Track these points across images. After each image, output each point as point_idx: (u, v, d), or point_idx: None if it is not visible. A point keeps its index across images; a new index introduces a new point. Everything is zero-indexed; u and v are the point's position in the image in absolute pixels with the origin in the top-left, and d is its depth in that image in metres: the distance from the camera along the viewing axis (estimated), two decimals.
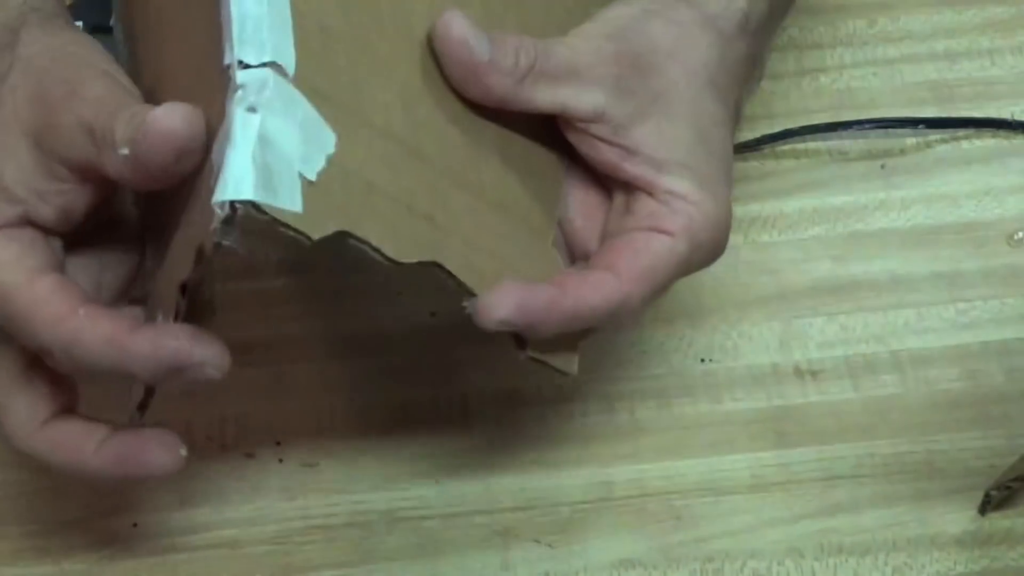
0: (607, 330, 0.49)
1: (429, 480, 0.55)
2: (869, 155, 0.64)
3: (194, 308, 0.44)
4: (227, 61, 0.41)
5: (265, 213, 0.39)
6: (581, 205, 0.49)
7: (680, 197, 0.46)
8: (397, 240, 0.43)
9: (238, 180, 0.39)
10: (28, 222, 0.45)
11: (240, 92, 0.41)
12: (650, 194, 0.46)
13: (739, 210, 0.62)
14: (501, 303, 0.44)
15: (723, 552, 0.54)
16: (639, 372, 0.58)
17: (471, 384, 0.58)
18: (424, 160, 0.46)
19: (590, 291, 0.45)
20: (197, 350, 0.43)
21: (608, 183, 0.49)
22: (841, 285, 0.60)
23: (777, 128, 0.63)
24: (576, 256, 0.49)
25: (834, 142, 0.64)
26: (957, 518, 0.54)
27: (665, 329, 0.59)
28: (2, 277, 0.44)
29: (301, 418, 0.57)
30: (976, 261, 0.61)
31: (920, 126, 0.63)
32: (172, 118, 0.41)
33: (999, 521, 0.54)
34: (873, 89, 0.66)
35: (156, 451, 0.46)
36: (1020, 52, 0.67)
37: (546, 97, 0.46)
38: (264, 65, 0.41)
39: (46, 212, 0.45)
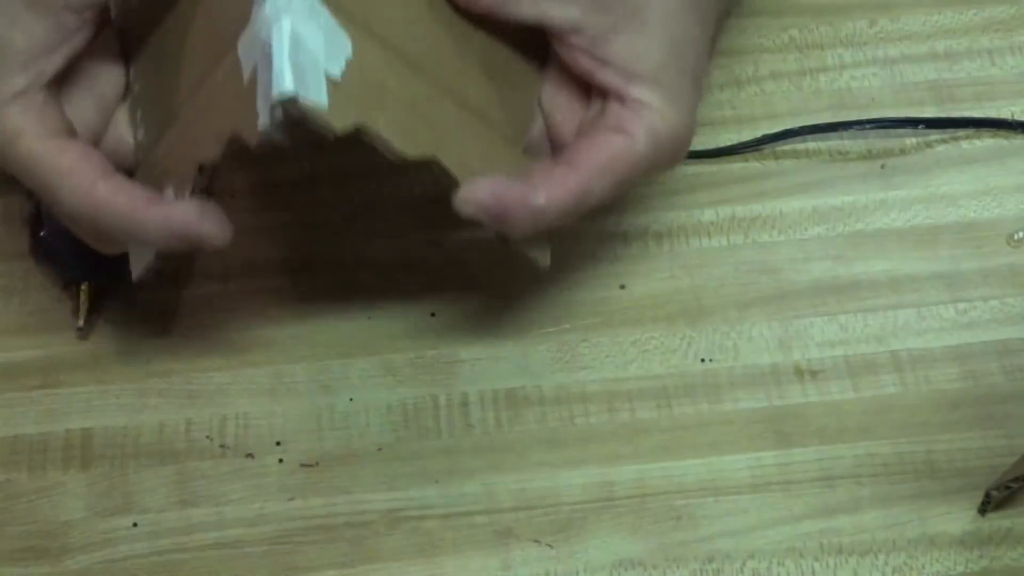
0: (573, 223, 0.51)
1: (429, 480, 0.55)
2: (869, 155, 0.64)
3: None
4: None
5: (299, 108, 0.44)
6: (562, 102, 0.52)
7: (646, 106, 0.49)
8: (404, 137, 0.47)
9: (280, 79, 0.43)
10: (40, 84, 0.48)
11: (270, 1, 0.45)
12: (620, 101, 0.49)
13: (739, 210, 0.62)
14: (477, 192, 0.48)
15: (723, 552, 0.54)
16: (639, 372, 0.58)
17: (471, 384, 0.58)
18: (420, 71, 0.49)
19: (555, 186, 0.49)
20: (205, 225, 0.47)
21: (587, 85, 0.51)
22: (841, 285, 0.60)
23: (777, 128, 0.63)
24: (555, 148, 0.52)
25: (834, 142, 0.64)
26: (957, 518, 0.54)
27: (665, 329, 0.59)
28: (28, 146, 0.47)
29: (301, 418, 0.57)
30: (976, 261, 0.61)
31: (920, 126, 0.63)
32: None
33: (999, 521, 0.54)
34: (873, 89, 0.66)
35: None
36: (1020, 52, 0.67)
37: (529, 10, 0.49)
38: None
39: (56, 64, 0.47)
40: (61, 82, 0.50)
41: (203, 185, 0.50)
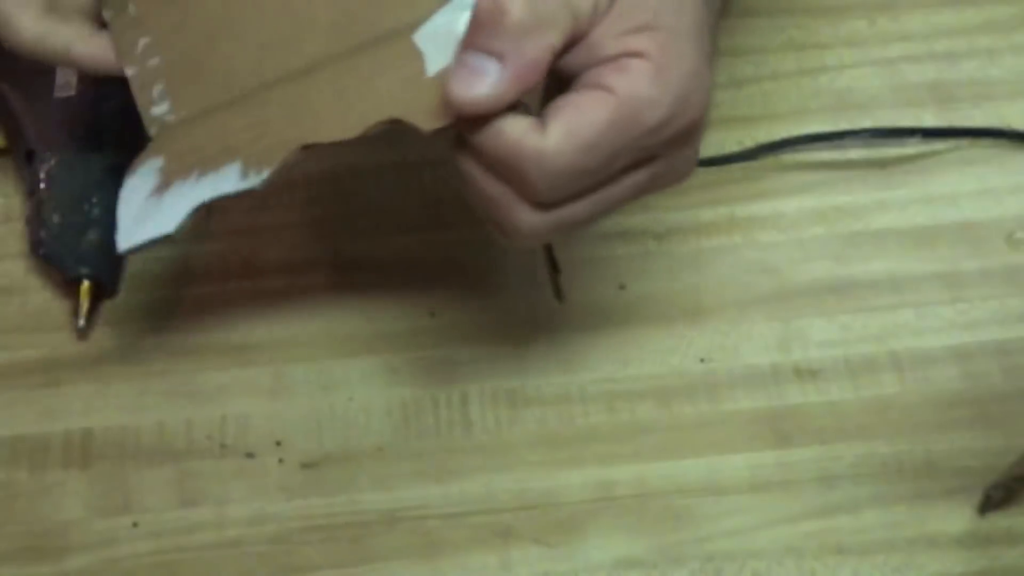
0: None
1: (429, 480, 0.55)
2: (869, 155, 0.64)
3: None
4: None
5: None
6: None
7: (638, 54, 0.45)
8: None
9: None
10: None
11: None
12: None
13: (739, 210, 0.62)
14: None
15: (723, 552, 0.54)
16: (639, 372, 0.58)
17: (471, 384, 0.58)
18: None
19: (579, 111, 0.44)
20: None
21: None
22: (841, 285, 0.60)
23: (777, 128, 0.63)
24: None
25: (834, 142, 0.64)
26: (957, 518, 0.54)
27: (665, 329, 0.59)
28: None
29: (301, 418, 0.57)
30: (976, 261, 0.61)
31: (917, 135, 0.63)
32: None
33: (999, 521, 0.54)
34: (873, 89, 0.66)
35: None
36: (1020, 52, 0.67)
37: None
38: None
39: None
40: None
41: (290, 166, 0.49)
